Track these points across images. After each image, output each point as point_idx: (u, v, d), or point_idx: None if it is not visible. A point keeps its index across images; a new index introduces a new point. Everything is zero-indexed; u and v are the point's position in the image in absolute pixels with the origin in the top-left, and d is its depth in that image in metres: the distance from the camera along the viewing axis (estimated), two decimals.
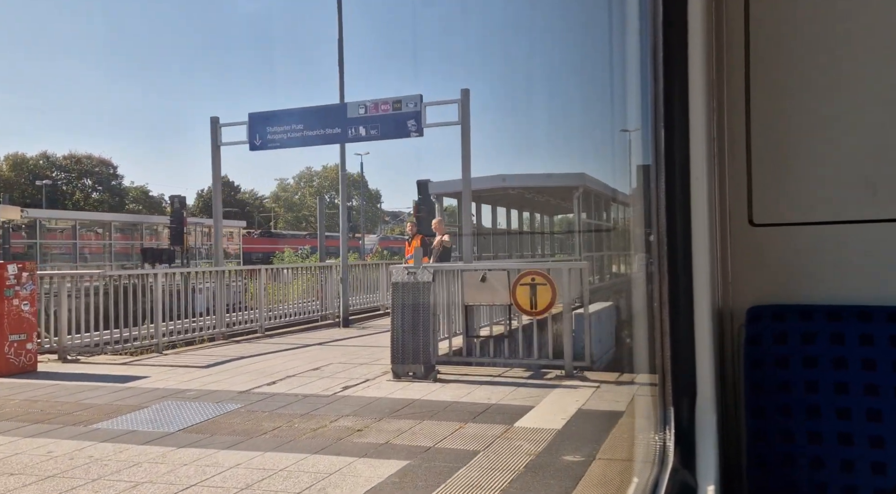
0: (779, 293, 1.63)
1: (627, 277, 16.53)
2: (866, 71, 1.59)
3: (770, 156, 1.64)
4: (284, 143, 11.27)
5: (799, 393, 1.56)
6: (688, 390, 1.54)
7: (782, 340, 1.58)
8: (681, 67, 1.53)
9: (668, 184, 1.56)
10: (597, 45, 2.68)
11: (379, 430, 5.11)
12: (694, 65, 1.53)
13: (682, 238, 1.56)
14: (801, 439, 1.55)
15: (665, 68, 1.55)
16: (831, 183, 1.61)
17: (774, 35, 1.63)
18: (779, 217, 1.64)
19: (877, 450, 1.49)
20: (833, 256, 1.61)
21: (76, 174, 55.50)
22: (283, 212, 66.81)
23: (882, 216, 1.56)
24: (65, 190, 54.20)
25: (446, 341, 7.66)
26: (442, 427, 5.18)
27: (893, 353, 1.51)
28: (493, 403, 5.91)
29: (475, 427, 5.16)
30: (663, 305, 1.60)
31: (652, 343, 1.67)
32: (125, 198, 58.05)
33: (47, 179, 49.75)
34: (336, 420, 5.40)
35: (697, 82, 1.53)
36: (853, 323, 1.54)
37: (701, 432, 1.51)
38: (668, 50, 1.54)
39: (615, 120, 2.45)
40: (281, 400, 6.17)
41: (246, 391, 6.54)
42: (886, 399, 1.50)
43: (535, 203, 19.62)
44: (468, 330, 7.35)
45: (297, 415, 5.59)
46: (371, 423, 5.31)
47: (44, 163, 54.52)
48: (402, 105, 10.30)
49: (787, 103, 1.63)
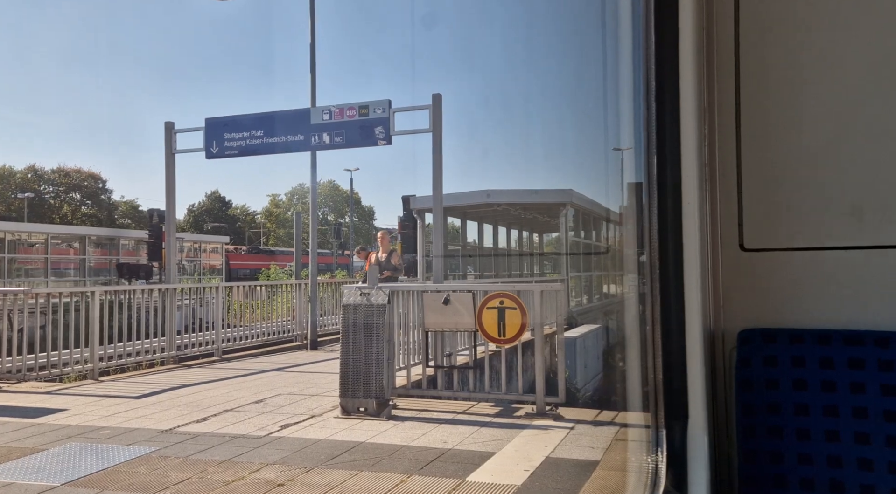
0: (769, 316, 1.66)
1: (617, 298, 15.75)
2: (854, 100, 1.62)
3: (760, 182, 1.68)
4: (243, 151, 10.47)
5: (789, 416, 1.59)
6: (679, 412, 1.55)
7: (773, 363, 1.61)
8: (672, 95, 1.55)
9: (661, 209, 1.58)
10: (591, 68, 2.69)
11: (304, 484, 4.27)
12: (685, 93, 1.55)
13: (673, 261, 1.57)
14: (791, 460, 1.57)
15: (657, 96, 1.58)
16: (820, 210, 1.64)
17: (764, 64, 1.67)
18: (769, 242, 1.68)
19: (865, 473, 1.51)
20: (822, 281, 1.64)
21: (64, 188, 54.78)
22: (275, 228, 66.02)
23: (868, 243, 1.60)
24: (52, 203, 53.43)
25: (406, 371, 6.82)
26: (381, 480, 4.34)
27: (881, 377, 1.53)
28: (449, 448, 5.07)
29: (420, 482, 4.32)
30: (655, 327, 1.62)
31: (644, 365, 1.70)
32: (114, 212, 57.29)
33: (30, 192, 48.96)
34: (258, 470, 4.56)
35: (689, 109, 1.56)
36: (842, 346, 1.57)
37: (693, 454, 1.52)
38: (660, 78, 1.57)
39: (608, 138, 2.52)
40: (204, 441, 5.32)
41: (169, 430, 5.68)
42: (874, 422, 1.52)
43: (523, 220, 18.90)
44: (428, 359, 6.51)
45: (215, 463, 4.74)
46: (298, 475, 4.47)
47: (32, 177, 53.84)
48: (368, 110, 9.54)
49: (777, 131, 1.67)
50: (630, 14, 1.77)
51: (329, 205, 66.51)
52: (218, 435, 5.50)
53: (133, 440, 5.38)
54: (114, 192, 58.81)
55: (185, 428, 5.74)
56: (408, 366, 6.78)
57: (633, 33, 1.74)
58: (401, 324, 6.67)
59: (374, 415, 6.03)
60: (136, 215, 57.85)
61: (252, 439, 5.38)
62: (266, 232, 63.04)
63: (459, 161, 53.74)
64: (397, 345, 6.60)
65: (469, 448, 5.07)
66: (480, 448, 5.06)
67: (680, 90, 1.55)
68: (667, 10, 1.56)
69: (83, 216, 53.92)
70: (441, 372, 6.59)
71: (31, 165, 54.10)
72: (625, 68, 1.83)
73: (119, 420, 6.10)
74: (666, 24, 1.56)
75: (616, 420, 5.88)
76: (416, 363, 6.84)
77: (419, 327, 6.62)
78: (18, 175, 52.44)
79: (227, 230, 51.09)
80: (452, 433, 5.51)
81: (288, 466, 4.65)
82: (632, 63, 1.75)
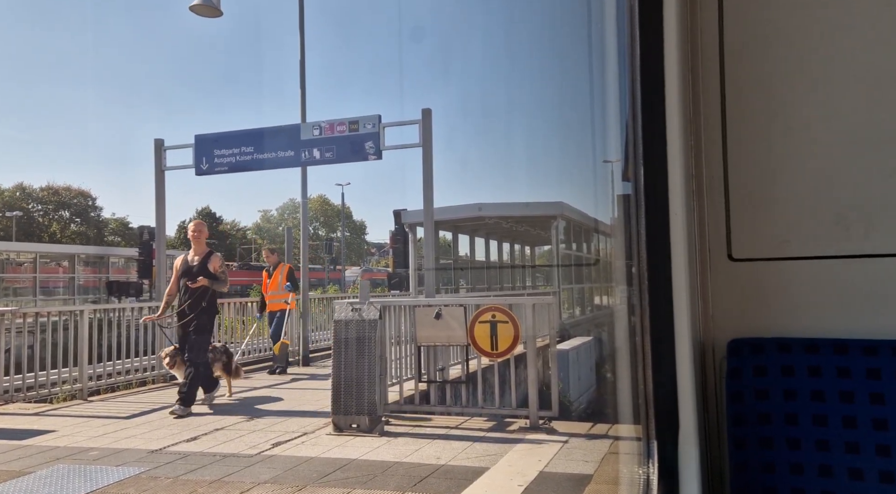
0: (758, 326, 1.67)
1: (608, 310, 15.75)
2: (840, 109, 1.63)
3: (747, 193, 1.68)
4: (233, 167, 10.44)
5: (779, 425, 1.59)
6: (670, 423, 1.55)
7: (762, 373, 1.61)
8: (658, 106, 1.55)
9: (648, 219, 1.58)
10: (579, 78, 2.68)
11: None
12: (671, 103, 1.55)
13: (662, 272, 1.57)
14: (782, 471, 1.57)
15: (643, 106, 1.57)
16: (806, 219, 1.65)
17: (749, 73, 1.68)
18: (757, 252, 1.68)
19: (857, 482, 1.51)
20: (809, 290, 1.65)
21: (53, 205, 54.45)
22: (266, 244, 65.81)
23: (854, 252, 1.61)
24: (41, 221, 53.08)
25: (398, 386, 6.78)
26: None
27: (870, 386, 1.53)
28: (442, 464, 5.03)
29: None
30: (645, 338, 1.61)
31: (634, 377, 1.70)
32: (104, 229, 56.93)
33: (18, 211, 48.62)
34: (249, 490, 4.50)
35: (674, 119, 1.55)
36: (830, 355, 1.58)
37: (684, 465, 1.52)
38: (645, 89, 1.57)
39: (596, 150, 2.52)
40: (195, 461, 5.25)
41: (158, 450, 5.61)
42: (864, 431, 1.52)
43: (515, 233, 18.92)
44: (421, 374, 6.47)
45: (205, 483, 4.68)
46: (288, 492, 4.41)
47: (20, 195, 53.47)
48: (359, 126, 9.54)
49: (763, 141, 1.67)
50: (615, 26, 1.78)
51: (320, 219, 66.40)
52: (209, 454, 5.43)
53: (122, 460, 5.30)
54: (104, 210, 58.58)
55: (175, 448, 5.66)
56: (400, 381, 6.74)
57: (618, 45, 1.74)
58: (392, 339, 6.63)
59: (366, 432, 5.98)
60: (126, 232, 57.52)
61: (243, 458, 5.32)
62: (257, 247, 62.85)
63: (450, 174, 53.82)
64: (389, 361, 6.56)
65: (463, 464, 5.03)
66: (474, 464, 5.02)
67: (665, 100, 1.56)
68: (651, 21, 1.56)
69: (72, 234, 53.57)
70: (434, 387, 6.55)
71: (20, 183, 53.83)
72: (611, 79, 1.83)
73: (108, 440, 6.02)
74: (650, 33, 1.56)
75: (609, 432, 5.85)
76: (409, 378, 6.80)
77: (411, 342, 6.58)
78: (6, 193, 52.10)
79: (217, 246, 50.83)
80: (446, 448, 5.47)
81: (280, 485, 4.59)
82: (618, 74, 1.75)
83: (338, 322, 6.25)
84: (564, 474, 4.78)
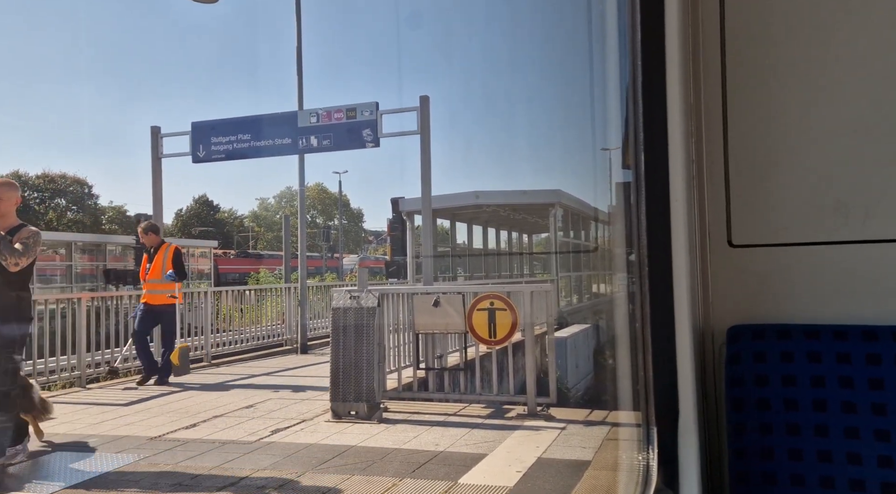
0: (758, 312, 1.66)
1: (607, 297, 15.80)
2: (839, 97, 1.63)
3: (747, 179, 1.68)
4: (231, 154, 10.40)
5: (779, 411, 1.58)
6: (670, 409, 1.55)
7: (762, 359, 1.61)
8: (659, 93, 1.55)
9: (648, 206, 1.58)
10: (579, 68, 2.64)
11: (293, 490, 4.24)
12: (672, 90, 1.55)
13: (662, 259, 1.57)
14: (781, 456, 1.56)
15: (644, 94, 1.57)
16: (806, 205, 1.65)
17: (750, 62, 1.68)
18: (757, 238, 1.68)
19: (855, 467, 1.51)
20: (809, 276, 1.65)
21: (49, 193, 54.30)
22: (264, 232, 65.66)
23: (854, 237, 1.61)
24: (37, 209, 52.95)
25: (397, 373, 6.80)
26: (372, 485, 4.32)
27: (869, 371, 1.53)
28: (441, 450, 5.05)
29: (412, 485, 4.30)
30: (645, 325, 1.62)
31: (634, 363, 1.70)
32: (101, 217, 56.82)
33: None
34: (248, 477, 4.52)
35: (675, 107, 1.55)
36: (830, 341, 1.58)
37: (684, 451, 1.52)
38: (646, 77, 1.56)
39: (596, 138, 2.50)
40: (194, 448, 5.27)
41: (157, 437, 5.63)
42: (863, 416, 1.52)
43: (513, 221, 18.91)
44: (419, 361, 6.49)
45: (205, 469, 4.70)
46: (288, 479, 4.43)
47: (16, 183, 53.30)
48: (356, 113, 9.51)
49: (763, 128, 1.67)
50: (616, 13, 1.77)
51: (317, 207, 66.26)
52: (208, 441, 5.45)
53: (121, 448, 5.33)
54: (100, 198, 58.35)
55: (175, 435, 5.68)
56: (398, 369, 6.76)
57: (619, 31, 1.73)
58: (390, 326, 6.64)
59: (365, 418, 6.01)
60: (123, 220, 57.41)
61: (242, 445, 5.34)
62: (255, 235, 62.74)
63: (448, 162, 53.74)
64: (388, 348, 6.57)
65: (461, 450, 5.05)
66: (472, 450, 5.05)
67: (667, 87, 1.55)
68: (652, 8, 1.56)
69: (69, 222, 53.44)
70: (432, 374, 6.57)
71: (15, 171, 53.60)
72: (612, 67, 1.82)
73: (107, 427, 6.04)
74: (652, 21, 1.56)
75: (607, 419, 5.88)
76: (407, 365, 6.82)
77: (410, 329, 6.60)
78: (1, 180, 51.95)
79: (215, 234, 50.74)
80: (444, 435, 5.50)
81: (279, 471, 4.62)
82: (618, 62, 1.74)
83: (336, 309, 6.26)
84: (563, 460, 4.81)
